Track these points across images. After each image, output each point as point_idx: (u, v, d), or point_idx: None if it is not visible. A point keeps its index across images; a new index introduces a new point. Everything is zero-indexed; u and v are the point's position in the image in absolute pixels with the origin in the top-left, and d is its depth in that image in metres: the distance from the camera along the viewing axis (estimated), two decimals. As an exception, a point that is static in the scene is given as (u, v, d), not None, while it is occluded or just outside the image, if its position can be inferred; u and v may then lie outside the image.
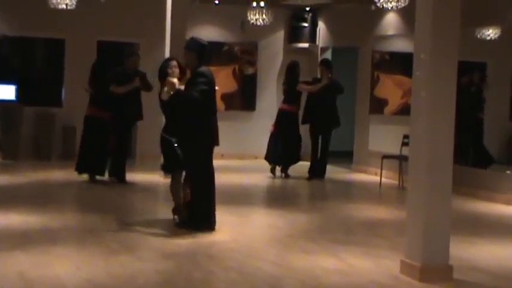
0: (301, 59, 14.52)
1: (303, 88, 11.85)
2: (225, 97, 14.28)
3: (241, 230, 7.74)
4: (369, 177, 12.47)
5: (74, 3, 11.42)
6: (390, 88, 13.25)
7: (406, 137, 10.51)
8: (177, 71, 7.62)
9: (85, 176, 10.43)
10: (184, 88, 7.41)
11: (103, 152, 10.23)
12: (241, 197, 10.21)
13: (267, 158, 12.06)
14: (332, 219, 8.75)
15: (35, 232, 7.15)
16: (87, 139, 10.33)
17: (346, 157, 13.89)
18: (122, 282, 5.54)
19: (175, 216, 7.69)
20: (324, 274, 5.96)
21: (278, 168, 12.03)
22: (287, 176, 11.95)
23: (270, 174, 11.95)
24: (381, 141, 12.81)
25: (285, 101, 11.97)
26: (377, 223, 8.52)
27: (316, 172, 11.90)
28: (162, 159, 7.86)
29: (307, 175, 11.87)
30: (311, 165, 11.95)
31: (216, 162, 11.87)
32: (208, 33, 14.12)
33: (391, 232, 7.91)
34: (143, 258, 6.28)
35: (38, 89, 13.66)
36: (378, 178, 11.64)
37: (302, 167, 12.02)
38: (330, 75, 11.80)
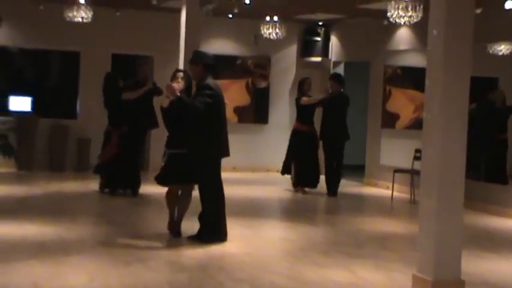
0: (313, 73, 14.61)
1: (303, 101, 11.67)
2: (238, 110, 14.32)
3: (253, 243, 7.74)
4: (381, 191, 12.45)
5: (90, 16, 11.53)
6: (402, 102, 13.24)
7: (418, 151, 10.49)
8: (182, 82, 7.48)
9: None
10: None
11: (123, 168, 10.22)
12: (253, 210, 10.22)
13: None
14: (344, 232, 8.73)
15: (50, 243, 7.18)
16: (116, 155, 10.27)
17: (357, 171, 13.88)
18: (135, 293, 5.56)
19: (170, 231, 7.62)
20: (335, 287, 5.95)
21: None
22: (304, 192, 11.73)
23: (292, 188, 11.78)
24: (392, 155, 12.79)
25: (297, 119, 11.73)
26: (388, 237, 8.50)
27: (331, 188, 11.59)
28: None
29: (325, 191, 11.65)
30: (327, 182, 11.64)
31: (228, 175, 11.93)
32: (221, 46, 14.23)
33: (403, 246, 7.88)
34: (156, 269, 6.30)
35: (53, 101, 13.76)
36: (390, 192, 11.62)
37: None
38: (330, 89, 11.51)
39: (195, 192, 7.62)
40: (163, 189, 7.67)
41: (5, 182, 11.63)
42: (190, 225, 7.65)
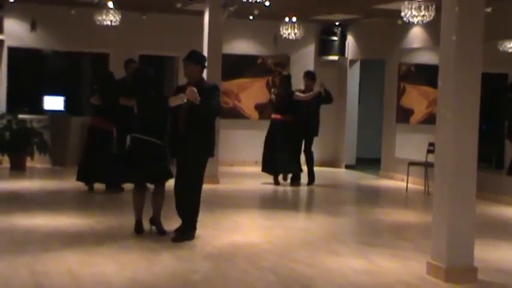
0: (330, 71, 14.61)
1: (300, 97, 11.58)
2: (259, 107, 14.32)
3: (274, 233, 7.76)
4: (396, 183, 12.40)
5: (118, 19, 11.60)
6: (416, 98, 13.17)
7: (431, 144, 10.45)
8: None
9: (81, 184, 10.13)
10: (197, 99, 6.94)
11: (104, 161, 9.81)
12: (273, 202, 10.25)
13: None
14: (361, 223, 8.73)
15: (82, 233, 7.26)
16: (89, 148, 10.00)
17: (374, 164, 13.84)
18: (163, 281, 5.60)
19: (153, 227, 7.31)
20: (353, 274, 5.96)
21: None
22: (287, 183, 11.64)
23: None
24: (407, 149, 12.73)
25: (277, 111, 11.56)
26: (403, 226, 8.48)
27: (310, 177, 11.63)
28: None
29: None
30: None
31: (250, 169, 12.04)
32: (243, 47, 14.25)
33: (417, 235, 7.86)
34: (183, 258, 6.34)
35: (85, 100, 13.88)
36: (405, 184, 11.57)
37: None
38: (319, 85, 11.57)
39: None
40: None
41: (40, 177, 11.77)
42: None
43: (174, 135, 7.10)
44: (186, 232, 7.09)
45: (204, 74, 7.36)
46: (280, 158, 11.32)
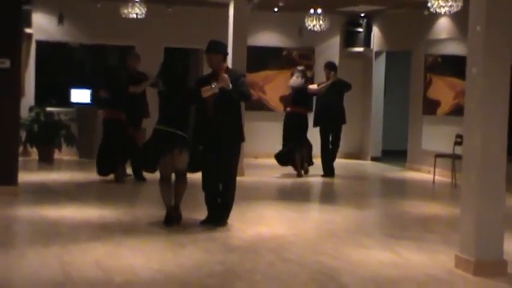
0: (356, 63, 14.49)
1: (312, 90, 11.64)
2: (284, 99, 14.25)
3: (299, 225, 7.73)
4: (423, 175, 12.28)
5: (144, 12, 11.63)
6: (442, 90, 13.01)
7: (459, 136, 10.31)
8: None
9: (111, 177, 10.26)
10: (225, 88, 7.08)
11: (121, 151, 10.04)
12: (299, 194, 10.20)
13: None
14: (387, 215, 8.66)
15: (109, 225, 7.30)
16: (107, 141, 10.17)
17: (400, 156, 13.71)
18: (189, 272, 5.60)
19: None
20: (380, 267, 5.90)
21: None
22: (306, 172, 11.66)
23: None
24: (433, 141, 12.60)
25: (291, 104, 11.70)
26: (431, 219, 8.39)
27: (327, 171, 11.56)
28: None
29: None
30: (323, 164, 11.60)
31: (274, 161, 11.97)
32: (268, 39, 14.19)
33: (445, 227, 7.78)
34: (208, 250, 6.34)
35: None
36: (431, 176, 11.45)
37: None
38: (332, 76, 11.60)
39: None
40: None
41: (67, 169, 11.86)
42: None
43: (200, 124, 7.23)
44: (221, 218, 7.23)
45: (230, 67, 7.42)
46: (291, 150, 11.43)
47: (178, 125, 7.15)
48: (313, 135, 11.78)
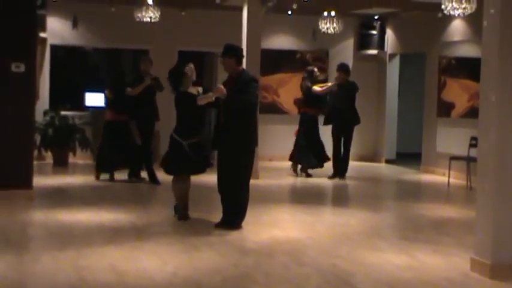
0: (370, 66, 14.46)
1: (316, 91, 11.70)
2: (298, 102, 14.25)
3: (314, 228, 7.71)
4: (437, 177, 12.23)
5: (157, 16, 11.67)
6: (457, 92, 12.94)
7: (473, 138, 10.25)
8: (194, 74, 7.63)
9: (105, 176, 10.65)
10: (235, 92, 7.18)
11: (121, 153, 10.45)
12: (313, 197, 10.18)
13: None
14: (401, 218, 8.62)
15: (124, 229, 7.32)
16: (107, 141, 10.57)
17: (415, 159, 13.66)
18: (204, 276, 5.61)
19: (176, 215, 7.71)
20: (395, 270, 5.88)
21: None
22: (308, 175, 11.73)
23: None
24: (448, 143, 12.54)
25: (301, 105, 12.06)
26: (446, 222, 8.35)
27: (338, 171, 11.63)
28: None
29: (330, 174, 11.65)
30: (334, 165, 11.67)
31: (289, 164, 11.97)
32: (281, 42, 14.20)
33: (460, 230, 7.73)
34: (223, 254, 6.34)
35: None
36: (446, 179, 11.39)
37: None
38: (338, 78, 11.70)
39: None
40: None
41: (82, 172, 11.88)
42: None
43: (217, 129, 7.40)
44: (235, 221, 7.27)
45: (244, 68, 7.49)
46: (297, 150, 11.65)
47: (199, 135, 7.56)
48: (325, 138, 11.80)
